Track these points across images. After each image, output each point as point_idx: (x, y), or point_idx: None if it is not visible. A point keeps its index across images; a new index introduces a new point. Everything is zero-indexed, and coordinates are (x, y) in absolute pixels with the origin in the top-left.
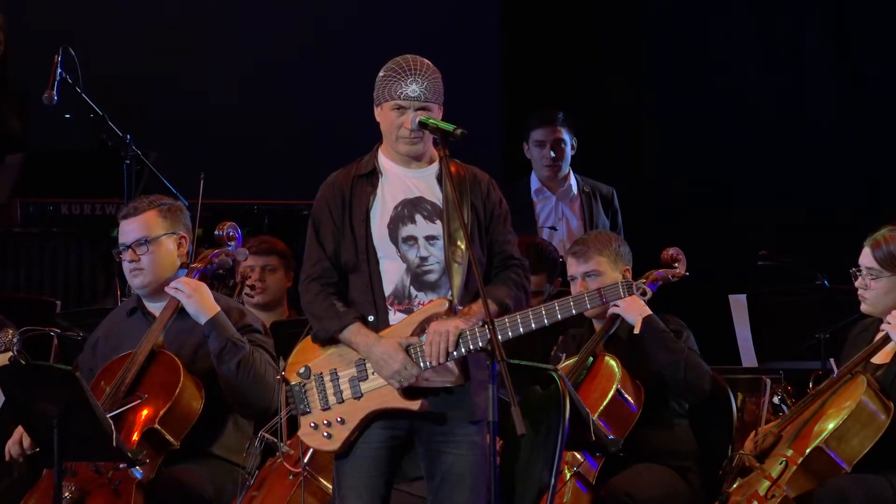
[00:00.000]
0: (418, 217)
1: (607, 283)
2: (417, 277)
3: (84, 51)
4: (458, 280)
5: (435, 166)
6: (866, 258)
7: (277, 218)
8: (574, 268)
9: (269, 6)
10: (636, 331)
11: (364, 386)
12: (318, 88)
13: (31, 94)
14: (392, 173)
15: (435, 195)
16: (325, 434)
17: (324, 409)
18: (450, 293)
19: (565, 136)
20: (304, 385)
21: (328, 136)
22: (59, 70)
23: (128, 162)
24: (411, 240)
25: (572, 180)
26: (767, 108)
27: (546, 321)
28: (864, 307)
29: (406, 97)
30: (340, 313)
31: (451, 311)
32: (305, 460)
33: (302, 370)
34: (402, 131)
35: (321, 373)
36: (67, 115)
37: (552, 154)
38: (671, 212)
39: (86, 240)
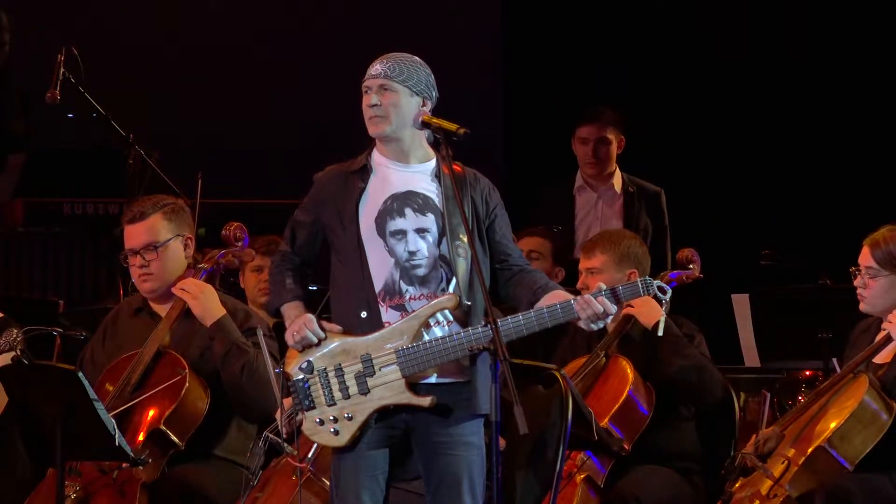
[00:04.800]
0: (408, 210)
1: (609, 283)
2: (406, 272)
3: (86, 50)
4: (462, 275)
5: (431, 164)
6: (865, 257)
7: (279, 217)
8: (581, 262)
9: (269, 6)
10: (660, 332)
11: (371, 382)
12: (320, 88)
13: (33, 93)
14: (383, 169)
15: (428, 189)
16: (333, 430)
17: (329, 405)
18: (457, 288)
19: (610, 134)
20: (308, 380)
21: (329, 135)
22: (61, 70)
23: (130, 162)
24: (399, 234)
25: (617, 179)
26: (769, 107)
27: (563, 319)
28: (862, 306)
29: (368, 77)
30: (286, 290)
31: (459, 306)
32: (311, 456)
33: (304, 365)
34: (366, 111)
35: (325, 367)
36: (70, 115)
37: (593, 152)
38: (674, 211)
39: (88, 239)
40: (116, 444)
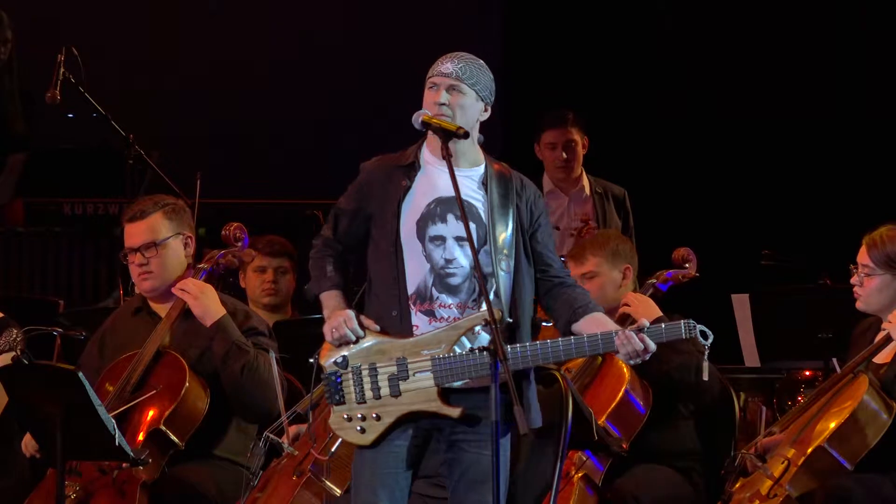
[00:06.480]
0: (450, 217)
1: (606, 283)
2: (440, 279)
3: (86, 50)
4: (505, 290)
5: (480, 169)
6: (863, 256)
7: (279, 217)
8: (573, 270)
9: (270, 7)
10: (705, 377)
11: (403, 386)
12: (320, 88)
13: (34, 93)
14: (432, 168)
15: (474, 196)
16: (359, 428)
17: (359, 403)
18: (497, 303)
19: (577, 136)
20: (341, 375)
21: (329, 135)
22: (61, 70)
23: (130, 162)
24: (439, 239)
25: (585, 181)
26: (769, 107)
27: (602, 351)
28: (858, 304)
29: (438, 73)
30: (327, 277)
31: (502, 322)
32: (334, 450)
33: (339, 360)
34: (432, 108)
35: (359, 365)
36: (70, 115)
37: (564, 156)
38: (673, 211)
39: (89, 239)
40: (116, 444)
